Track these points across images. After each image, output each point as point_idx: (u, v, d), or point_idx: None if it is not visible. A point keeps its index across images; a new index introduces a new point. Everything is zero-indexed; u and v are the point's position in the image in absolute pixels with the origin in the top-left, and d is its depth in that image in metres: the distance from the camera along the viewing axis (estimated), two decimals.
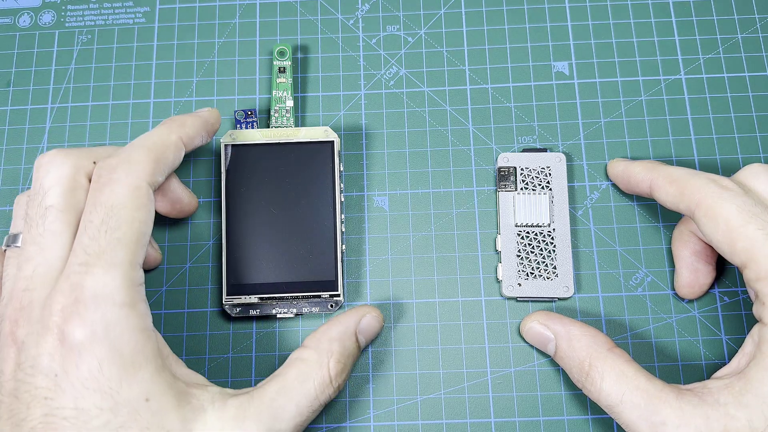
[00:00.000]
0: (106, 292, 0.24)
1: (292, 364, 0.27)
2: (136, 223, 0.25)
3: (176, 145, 0.28)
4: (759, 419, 0.23)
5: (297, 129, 0.34)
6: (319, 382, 0.27)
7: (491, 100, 0.36)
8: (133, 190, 0.26)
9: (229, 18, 0.38)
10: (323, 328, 0.29)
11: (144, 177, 0.26)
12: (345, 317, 0.29)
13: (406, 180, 0.35)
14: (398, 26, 0.37)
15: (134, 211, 0.25)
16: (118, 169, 0.26)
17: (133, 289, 0.25)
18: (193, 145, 0.30)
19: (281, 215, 0.32)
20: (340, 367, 0.27)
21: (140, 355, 0.24)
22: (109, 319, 0.24)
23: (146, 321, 0.25)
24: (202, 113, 0.31)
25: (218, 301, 0.33)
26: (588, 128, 0.35)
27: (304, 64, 0.37)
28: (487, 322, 0.33)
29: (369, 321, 0.30)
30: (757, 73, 0.36)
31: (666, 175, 0.29)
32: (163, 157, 0.27)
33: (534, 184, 0.33)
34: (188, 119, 0.30)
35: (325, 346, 0.28)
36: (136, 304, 0.25)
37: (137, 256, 0.25)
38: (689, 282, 0.31)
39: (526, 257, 0.33)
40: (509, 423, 0.31)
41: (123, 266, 0.24)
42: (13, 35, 0.38)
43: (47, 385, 0.23)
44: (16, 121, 0.36)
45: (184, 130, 0.29)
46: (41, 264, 0.25)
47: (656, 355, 0.32)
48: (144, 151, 0.27)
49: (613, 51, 0.36)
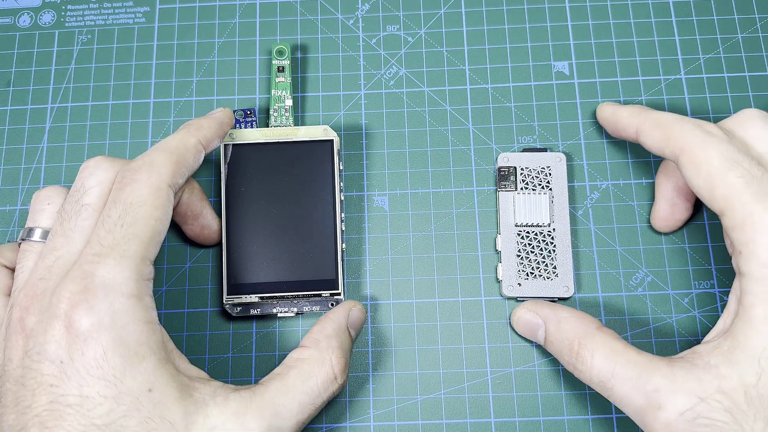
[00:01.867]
0: (116, 283, 0.24)
1: (292, 364, 0.27)
2: (152, 221, 0.26)
3: (196, 148, 0.29)
4: (749, 374, 0.24)
5: (296, 128, 0.34)
6: (323, 380, 0.27)
7: (491, 100, 0.36)
8: (155, 191, 0.27)
9: (228, 18, 0.38)
10: (317, 327, 0.29)
11: (165, 179, 0.27)
12: (335, 314, 0.30)
13: (406, 180, 0.35)
14: (398, 26, 0.37)
15: (153, 209, 0.26)
16: (141, 170, 0.27)
17: (141, 283, 0.25)
18: (212, 147, 0.31)
19: (281, 214, 0.32)
20: (343, 363, 0.28)
21: (144, 346, 0.24)
22: (117, 309, 0.24)
23: (152, 314, 0.26)
24: (217, 115, 0.31)
25: (218, 300, 0.33)
26: (588, 128, 0.35)
27: (304, 64, 0.37)
28: (487, 322, 0.33)
29: (356, 314, 0.30)
30: (757, 73, 0.36)
31: (653, 119, 0.29)
32: (183, 160, 0.28)
33: (534, 184, 0.33)
34: (205, 122, 0.30)
35: (324, 344, 0.28)
36: (143, 297, 0.25)
37: (149, 252, 0.26)
38: (665, 215, 0.32)
39: (526, 257, 0.33)
40: (509, 423, 0.31)
41: (135, 259, 0.25)
42: (13, 35, 0.38)
43: (53, 372, 0.23)
44: (16, 121, 0.36)
45: (202, 133, 0.30)
46: (63, 256, 0.26)
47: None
48: (165, 155, 0.28)
49: (613, 51, 0.36)
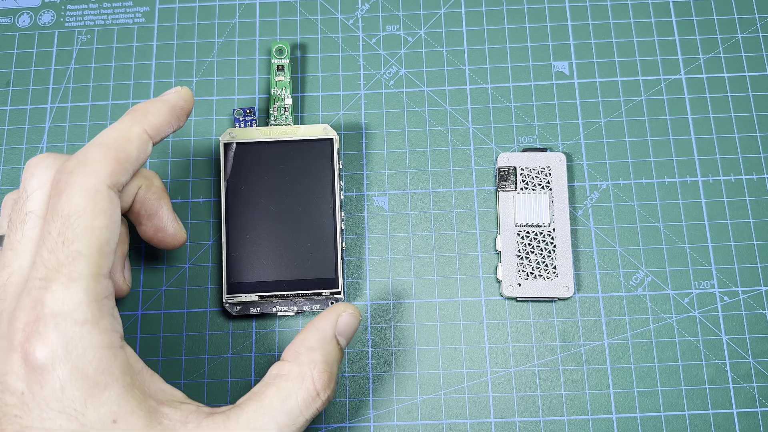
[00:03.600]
0: (66, 310, 0.22)
1: (271, 381, 0.25)
2: (96, 232, 0.23)
3: (140, 138, 0.25)
4: None
5: (296, 127, 0.34)
6: (303, 398, 0.25)
7: (491, 100, 0.36)
8: (91, 195, 0.23)
9: (228, 18, 0.38)
10: (300, 337, 0.26)
11: (103, 179, 0.24)
12: (321, 321, 0.27)
13: (406, 180, 0.35)
14: (398, 26, 0.37)
15: (93, 218, 0.23)
16: (74, 172, 0.24)
17: (96, 305, 0.23)
18: (162, 134, 0.27)
19: (281, 213, 0.32)
20: (326, 377, 0.25)
21: (106, 374, 0.22)
22: (70, 338, 0.22)
23: (112, 337, 0.23)
24: (169, 97, 0.27)
25: (218, 300, 0.33)
26: (588, 128, 0.35)
27: (304, 64, 0.37)
28: (487, 322, 0.33)
29: (346, 320, 0.27)
30: (757, 73, 0.36)
31: None
32: (124, 155, 0.25)
33: (534, 184, 0.33)
34: (152, 107, 0.26)
35: (305, 358, 0.25)
36: (99, 321, 0.23)
37: (101, 267, 0.23)
38: None
39: (526, 257, 0.32)
40: (509, 423, 0.31)
41: (84, 280, 0.23)
42: (13, 35, 0.38)
43: (15, 403, 0.22)
44: (16, 121, 0.36)
45: (149, 120, 0.26)
46: (16, 272, 0.24)
47: (656, 355, 0.32)
48: (102, 150, 0.24)
49: (613, 51, 0.36)
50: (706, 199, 0.34)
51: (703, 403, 0.31)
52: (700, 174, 0.34)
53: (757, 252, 0.33)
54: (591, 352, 0.32)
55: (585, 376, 0.32)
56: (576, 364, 0.32)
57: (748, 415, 0.31)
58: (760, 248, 0.33)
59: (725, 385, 0.31)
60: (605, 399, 0.31)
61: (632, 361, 0.32)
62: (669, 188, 0.34)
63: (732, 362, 0.32)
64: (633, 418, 0.31)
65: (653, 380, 0.31)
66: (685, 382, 0.31)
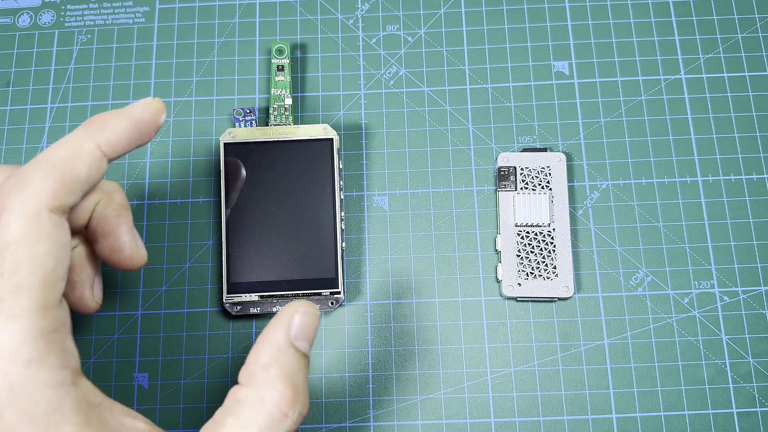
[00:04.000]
0: (8, 350, 0.20)
1: (228, 409, 0.23)
2: (39, 260, 0.21)
3: (91, 156, 0.23)
4: None
5: (296, 127, 0.34)
6: (267, 423, 0.22)
7: (491, 100, 0.36)
8: (31, 220, 0.21)
9: (228, 18, 0.38)
10: (251, 356, 0.23)
11: (43, 202, 0.21)
12: (270, 332, 0.23)
13: (406, 180, 0.35)
14: (398, 26, 0.37)
15: (34, 246, 0.21)
16: (12, 194, 0.21)
17: (42, 341, 0.21)
18: (120, 151, 0.24)
19: (281, 213, 0.32)
20: (289, 394, 0.22)
21: (56, 414, 0.20)
22: (14, 381, 0.20)
23: (62, 374, 0.21)
24: (133, 110, 0.24)
25: (218, 300, 0.33)
26: (588, 128, 0.35)
27: (304, 64, 0.37)
28: (487, 322, 0.33)
29: (301, 320, 0.24)
30: (757, 73, 0.36)
31: None
32: (71, 174, 0.22)
33: (534, 184, 0.33)
34: (111, 120, 0.24)
35: (260, 378, 0.23)
36: (46, 358, 0.21)
37: (47, 298, 0.21)
38: None
39: (526, 257, 0.32)
40: (509, 423, 0.31)
41: (26, 316, 0.20)
42: (13, 35, 0.38)
43: None
44: (16, 121, 0.36)
45: (104, 136, 0.23)
46: None
47: (656, 355, 0.32)
48: (45, 169, 0.22)
49: (613, 51, 0.36)
50: (706, 199, 0.34)
51: (703, 403, 0.31)
52: (700, 174, 0.34)
53: (757, 252, 0.33)
54: (591, 352, 0.32)
55: (585, 376, 0.32)
56: (576, 364, 0.32)
57: (748, 415, 0.31)
58: (760, 248, 0.33)
59: (725, 385, 0.31)
60: (605, 399, 0.31)
61: (632, 361, 0.32)
62: (669, 188, 0.34)
63: (732, 362, 0.32)
64: (633, 418, 0.31)
65: (653, 380, 0.31)
66: (685, 382, 0.31)
